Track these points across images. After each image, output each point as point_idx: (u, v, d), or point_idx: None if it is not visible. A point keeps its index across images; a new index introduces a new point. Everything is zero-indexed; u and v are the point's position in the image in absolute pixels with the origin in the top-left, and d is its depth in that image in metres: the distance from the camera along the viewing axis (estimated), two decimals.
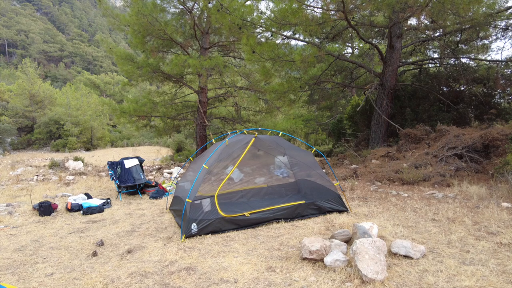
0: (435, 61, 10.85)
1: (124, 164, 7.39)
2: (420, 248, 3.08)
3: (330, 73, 10.95)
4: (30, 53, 69.17)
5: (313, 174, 5.07)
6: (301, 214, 4.54)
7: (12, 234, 4.40)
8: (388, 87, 9.40)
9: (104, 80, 53.49)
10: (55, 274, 3.07)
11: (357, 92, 14.48)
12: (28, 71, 29.10)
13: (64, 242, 4.00)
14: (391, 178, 6.85)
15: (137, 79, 12.03)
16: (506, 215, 4.18)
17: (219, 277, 2.84)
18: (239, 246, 3.58)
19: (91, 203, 5.72)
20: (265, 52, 8.54)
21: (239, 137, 4.91)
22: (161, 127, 14.02)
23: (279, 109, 13.58)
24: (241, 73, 12.84)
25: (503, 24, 8.62)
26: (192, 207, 4.02)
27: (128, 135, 33.12)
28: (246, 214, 4.23)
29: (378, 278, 2.57)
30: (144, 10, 10.04)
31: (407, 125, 9.49)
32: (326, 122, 14.78)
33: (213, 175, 4.53)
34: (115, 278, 2.92)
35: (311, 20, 7.87)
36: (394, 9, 7.67)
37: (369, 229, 3.45)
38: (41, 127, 27.10)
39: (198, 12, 11.89)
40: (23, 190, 7.59)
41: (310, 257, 3.01)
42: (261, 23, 8.72)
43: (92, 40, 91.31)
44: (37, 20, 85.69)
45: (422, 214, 4.50)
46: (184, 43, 12.07)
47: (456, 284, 2.53)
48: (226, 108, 15.16)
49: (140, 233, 4.28)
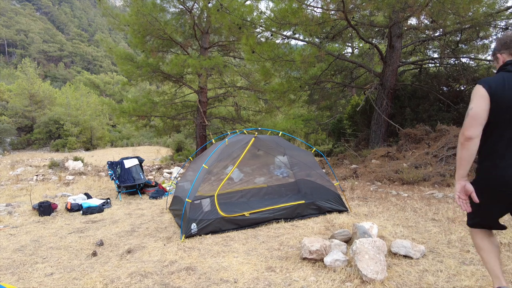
0: (435, 61, 10.85)
1: (123, 164, 7.38)
2: (420, 248, 3.07)
3: (330, 73, 10.94)
4: (30, 53, 69.15)
5: (313, 174, 5.06)
6: (301, 214, 4.53)
7: (11, 234, 4.40)
8: (388, 87, 9.39)
9: (103, 80, 53.52)
10: (54, 274, 3.07)
11: (357, 92, 14.48)
12: (28, 71, 29.09)
13: (64, 242, 4.00)
14: (391, 178, 6.84)
15: (137, 79, 12.03)
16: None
17: (219, 277, 2.84)
18: (239, 246, 3.58)
19: (91, 203, 5.71)
20: (265, 52, 8.54)
21: (239, 137, 4.90)
22: (161, 127, 14.02)
23: (279, 109, 13.58)
24: (241, 73, 12.84)
25: (503, 24, 8.62)
26: (192, 207, 4.02)
27: (128, 135, 33.12)
28: (246, 214, 4.22)
29: (378, 278, 2.57)
30: (144, 9, 10.04)
31: (407, 125, 9.48)
32: (326, 122, 14.78)
33: (213, 175, 4.53)
34: (115, 278, 2.91)
35: (311, 20, 7.86)
36: (394, 9, 7.67)
37: (369, 229, 3.45)
38: (41, 127, 27.09)
39: (198, 12, 11.89)
40: (23, 190, 7.59)
41: (310, 257, 3.01)
42: (261, 23, 8.72)
43: (92, 40, 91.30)
44: (37, 19, 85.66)
45: (422, 214, 4.49)
46: (184, 43, 12.07)
47: (456, 284, 2.53)
48: (226, 108, 15.16)
49: (140, 233, 4.28)
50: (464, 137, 1.86)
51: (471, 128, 1.84)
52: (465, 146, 1.86)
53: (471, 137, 1.84)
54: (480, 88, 1.87)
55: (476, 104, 1.85)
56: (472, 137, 1.84)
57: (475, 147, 1.85)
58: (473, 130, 1.84)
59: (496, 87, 1.84)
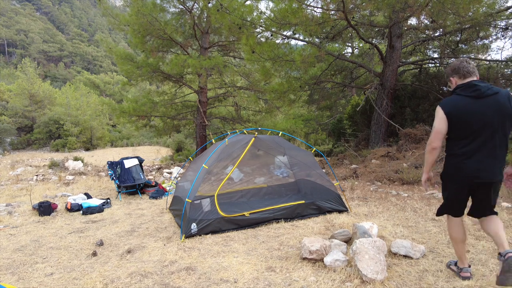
0: (435, 61, 10.84)
1: (123, 164, 7.38)
2: (420, 248, 3.08)
3: (330, 73, 10.94)
4: (30, 53, 69.15)
5: (313, 174, 5.06)
6: (301, 214, 4.53)
7: (11, 234, 4.40)
8: (388, 87, 9.39)
9: (103, 80, 53.52)
10: (54, 274, 3.07)
11: (357, 92, 14.48)
12: (28, 70, 29.09)
13: (64, 242, 4.00)
14: (391, 178, 6.85)
15: (137, 79, 12.02)
16: (506, 215, 4.18)
17: (219, 277, 2.84)
18: (239, 246, 3.58)
19: (91, 203, 5.71)
20: (265, 52, 8.53)
21: (239, 137, 4.90)
22: (161, 127, 14.02)
23: (279, 109, 13.58)
24: (241, 73, 12.83)
25: (503, 24, 8.62)
26: (192, 207, 4.02)
27: (128, 135, 33.12)
28: (246, 214, 4.22)
29: (378, 278, 2.57)
30: (144, 9, 10.04)
31: (407, 125, 9.48)
32: (326, 122, 14.77)
33: (213, 175, 4.53)
34: (114, 278, 2.91)
35: (311, 20, 7.86)
36: (394, 9, 7.67)
37: (369, 229, 3.45)
38: (41, 127, 27.09)
39: (198, 12, 11.88)
40: (23, 190, 7.59)
41: (310, 257, 3.01)
42: (261, 23, 8.71)
43: (92, 39, 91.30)
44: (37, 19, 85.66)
45: (422, 214, 4.49)
46: (184, 43, 12.07)
47: (456, 284, 2.53)
48: (226, 108, 15.16)
49: (139, 233, 4.28)
50: (431, 147, 2.51)
51: (435, 141, 2.48)
52: (431, 153, 2.53)
53: (436, 148, 2.49)
54: (440, 111, 2.45)
55: (438, 124, 2.46)
56: (436, 147, 2.49)
57: (437, 154, 2.53)
58: (437, 142, 2.48)
59: (450, 108, 2.42)
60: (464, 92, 2.41)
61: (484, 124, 2.33)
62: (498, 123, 2.32)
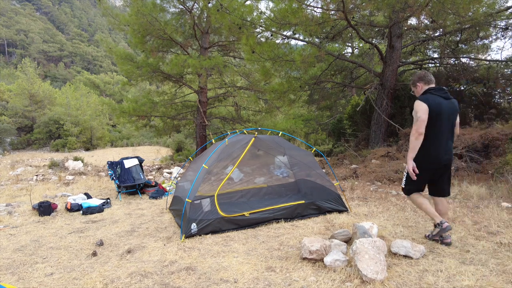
0: (435, 61, 10.84)
1: (123, 164, 7.38)
2: (420, 248, 3.07)
3: (330, 73, 10.93)
4: (30, 53, 69.17)
5: (313, 174, 5.06)
6: (301, 214, 4.53)
7: (11, 234, 4.40)
8: (388, 87, 9.39)
9: (103, 80, 53.54)
10: (54, 274, 3.07)
11: (357, 92, 14.48)
12: (28, 70, 29.10)
13: (64, 242, 4.00)
14: (391, 178, 6.84)
15: (137, 79, 12.02)
16: (506, 215, 4.18)
17: (219, 277, 2.84)
18: (239, 246, 3.58)
19: (91, 203, 5.71)
20: (265, 52, 8.53)
21: (239, 137, 4.90)
22: (161, 127, 14.02)
23: (279, 109, 13.58)
24: (241, 73, 12.84)
25: (503, 24, 8.61)
26: (192, 207, 4.02)
27: (128, 135, 33.13)
28: (246, 214, 4.22)
29: (378, 278, 2.57)
30: (144, 9, 10.04)
31: (407, 125, 9.48)
32: (326, 122, 14.77)
33: (213, 175, 4.53)
34: (114, 278, 2.91)
35: (311, 20, 7.86)
36: (394, 9, 7.66)
37: (369, 229, 3.45)
38: (41, 127, 27.10)
39: (198, 12, 11.88)
40: (23, 190, 7.59)
41: (310, 257, 3.01)
42: (261, 23, 8.71)
43: (92, 39, 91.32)
44: (37, 19, 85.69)
45: (422, 214, 4.49)
46: (184, 43, 12.07)
47: (456, 284, 2.53)
48: (226, 108, 15.15)
49: (139, 233, 4.28)
50: (418, 133, 3.08)
51: (421, 128, 3.08)
52: (418, 138, 3.09)
53: (422, 133, 3.08)
54: (424, 104, 3.11)
55: (423, 114, 3.09)
56: (422, 133, 3.08)
57: (422, 139, 3.10)
58: (422, 129, 3.08)
59: (429, 102, 3.12)
60: (437, 92, 3.21)
61: (448, 117, 3.18)
62: (453, 118, 3.24)
